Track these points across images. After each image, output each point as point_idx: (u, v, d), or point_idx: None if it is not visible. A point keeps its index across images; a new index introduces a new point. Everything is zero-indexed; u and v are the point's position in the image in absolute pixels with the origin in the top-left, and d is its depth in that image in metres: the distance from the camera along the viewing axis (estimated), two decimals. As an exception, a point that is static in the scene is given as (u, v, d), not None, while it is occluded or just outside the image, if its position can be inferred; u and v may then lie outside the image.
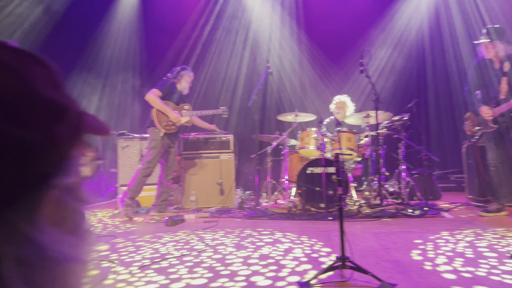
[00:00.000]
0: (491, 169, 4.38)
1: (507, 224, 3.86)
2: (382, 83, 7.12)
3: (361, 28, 7.12)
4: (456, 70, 6.77)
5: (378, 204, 4.79)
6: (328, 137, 5.02)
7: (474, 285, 2.19)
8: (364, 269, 2.34)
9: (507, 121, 4.19)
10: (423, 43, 7.14)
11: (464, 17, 6.71)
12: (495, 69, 4.25)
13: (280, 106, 7.30)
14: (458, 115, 6.54)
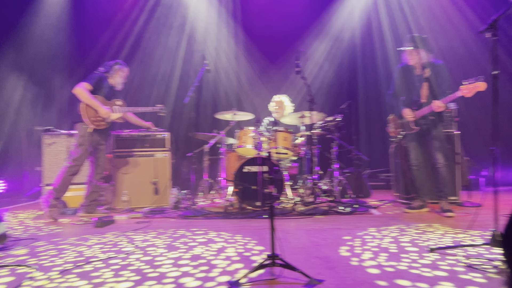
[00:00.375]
0: (414, 169, 4.65)
1: (428, 220, 4.13)
2: (318, 84, 7.32)
3: (299, 30, 7.27)
4: (384, 75, 7.14)
5: (311, 202, 4.91)
6: (265, 136, 5.05)
7: (395, 279, 2.29)
8: (293, 266, 2.36)
9: (428, 123, 4.47)
10: (354, 48, 7.45)
11: (392, 26, 7.10)
12: (417, 75, 4.53)
13: (218, 104, 7.24)
14: (386, 117, 6.90)
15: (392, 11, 7.13)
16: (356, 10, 7.45)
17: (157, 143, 5.54)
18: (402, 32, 6.92)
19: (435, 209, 4.64)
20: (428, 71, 4.43)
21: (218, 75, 7.33)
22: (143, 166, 5.43)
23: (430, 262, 2.58)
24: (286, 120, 5.49)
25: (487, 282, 2.20)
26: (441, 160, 4.42)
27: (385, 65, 7.14)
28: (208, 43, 7.33)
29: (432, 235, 3.37)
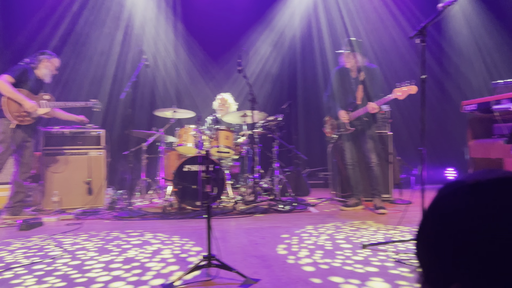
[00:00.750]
0: (349, 168, 4.82)
1: (362, 217, 4.28)
2: (260, 83, 7.36)
3: (242, 29, 7.26)
4: (322, 77, 7.34)
5: (252, 201, 4.92)
6: (207, 135, 4.98)
7: (330, 276, 2.34)
8: (229, 266, 2.33)
9: (362, 124, 4.65)
10: (295, 50, 7.58)
11: (330, 29, 7.32)
12: (353, 78, 4.70)
13: (157, 100, 7.01)
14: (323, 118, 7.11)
15: (331, 15, 7.35)
16: (297, 12, 7.58)
17: (91, 141, 5.26)
18: (340, 35, 7.15)
19: (369, 206, 4.83)
20: (363, 74, 4.60)
21: (157, 71, 7.09)
22: (75, 165, 5.12)
23: (362, 259, 2.67)
24: (228, 118, 5.45)
25: (414, 276, 2.30)
26: (375, 160, 4.62)
27: (323, 67, 7.34)
28: (147, 37, 7.06)
29: (366, 232, 3.50)
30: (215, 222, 4.08)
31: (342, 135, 4.84)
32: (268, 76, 7.44)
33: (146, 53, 6.20)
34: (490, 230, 0.46)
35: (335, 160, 5.51)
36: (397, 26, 7.19)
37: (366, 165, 4.71)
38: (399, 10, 7.17)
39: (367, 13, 7.26)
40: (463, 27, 7.05)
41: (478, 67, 6.83)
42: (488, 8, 6.69)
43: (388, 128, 5.48)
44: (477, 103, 4.60)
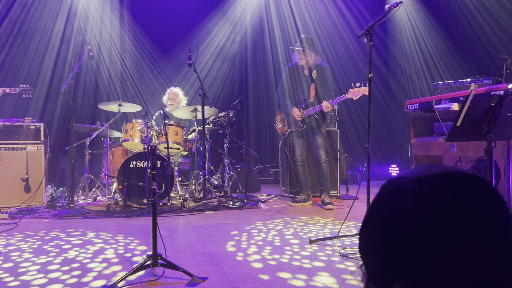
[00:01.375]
0: (298, 164, 4.88)
1: (310, 212, 4.35)
2: (211, 79, 7.26)
3: (192, 23, 7.10)
4: (273, 73, 7.38)
5: (202, 198, 4.84)
6: (155, 130, 4.83)
7: (278, 272, 2.33)
8: (175, 265, 2.26)
9: (313, 122, 4.72)
10: (246, 46, 7.54)
11: (281, 26, 7.36)
12: (305, 75, 4.75)
13: (102, 93, 6.68)
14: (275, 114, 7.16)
15: (282, 13, 7.39)
16: (249, 8, 7.55)
17: (29, 135, 4.92)
18: (291, 33, 7.22)
19: (317, 202, 4.91)
20: (315, 73, 4.67)
21: (102, 62, 6.74)
22: (11, 161, 4.77)
23: (310, 254, 2.70)
24: (178, 114, 5.32)
25: (359, 271, 2.36)
26: (324, 157, 4.71)
27: (274, 63, 7.38)
28: (92, 27, 6.69)
29: (314, 227, 3.55)
30: (163, 220, 3.96)
31: (293, 131, 4.89)
32: (219, 71, 7.35)
33: (89, 43, 5.88)
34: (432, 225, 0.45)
35: (285, 156, 5.55)
36: (346, 26, 7.36)
37: (316, 162, 4.79)
38: (348, 10, 7.35)
39: (318, 12, 7.38)
40: (408, 29, 7.36)
41: (421, 68, 7.17)
42: (430, 11, 7.03)
43: (336, 126, 5.61)
44: (419, 102, 4.82)
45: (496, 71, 5.13)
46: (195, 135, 5.18)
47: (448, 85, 5.18)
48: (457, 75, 6.35)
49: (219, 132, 5.47)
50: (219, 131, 5.46)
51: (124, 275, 2.19)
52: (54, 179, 5.93)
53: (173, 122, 4.93)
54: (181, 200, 4.71)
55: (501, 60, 4.11)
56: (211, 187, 5.18)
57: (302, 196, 4.87)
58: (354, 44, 7.33)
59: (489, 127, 2.87)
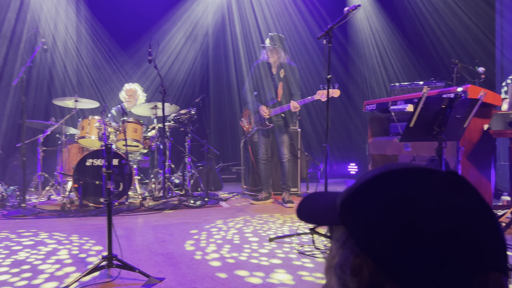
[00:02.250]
0: (262, 163, 4.91)
1: (271, 210, 4.39)
2: (172, 76, 7.14)
3: (154, 17, 6.94)
4: (234, 71, 7.37)
5: (162, 196, 4.77)
6: (112, 127, 4.70)
7: (236, 270, 2.34)
8: (131, 266, 2.21)
9: (280, 121, 4.76)
10: (208, 43, 7.48)
11: (243, 25, 7.36)
12: (273, 74, 4.77)
13: (58, 88, 6.41)
14: (236, 112, 7.16)
15: (244, 11, 7.38)
16: (210, 6, 7.48)
17: (-23, 131, 4.66)
18: (253, 32, 7.23)
19: (278, 200, 4.96)
20: (283, 72, 4.70)
21: (58, 56, 6.46)
22: (-44, 158, 4.50)
23: (268, 251, 2.72)
24: (137, 110, 5.20)
25: (314, 266, 2.41)
26: (287, 156, 4.76)
27: (236, 62, 7.36)
28: (47, 18, 6.38)
29: (273, 225, 3.59)
30: (121, 219, 3.87)
31: (259, 130, 4.90)
32: (181, 68, 7.24)
33: (44, 35, 5.63)
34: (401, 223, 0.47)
35: (247, 154, 5.57)
36: (306, 26, 7.46)
37: (279, 160, 4.84)
38: (308, 11, 7.44)
39: (278, 12, 7.43)
40: (367, 33, 7.57)
41: (379, 70, 7.40)
42: (389, 16, 7.26)
43: (297, 125, 5.68)
44: (377, 103, 4.97)
45: (448, 75, 5.38)
46: (155, 132, 5.09)
47: (404, 86, 5.36)
48: (413, 77, 6.61)
49: (180, 129, 5.40)
50: (180, 129, 5.39)
51: (77, 277, 2.12)
52: (5, 177, 5.65)
53: (132, 119, 4.82)
54: (140, 199, 4.62)
55: (452, 64, 4.31)
56: (172, 186, 5.11)
57: (263, 194, 4.90)
58: (313, 45, 7.44)
59: (440, 128, 3.00)
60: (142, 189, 5.02)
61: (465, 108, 3.11)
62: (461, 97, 3.01)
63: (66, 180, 4.67)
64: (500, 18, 5.86)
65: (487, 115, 3.84)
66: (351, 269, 0.49)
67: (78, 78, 6.63)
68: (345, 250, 0.51)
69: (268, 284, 2.12)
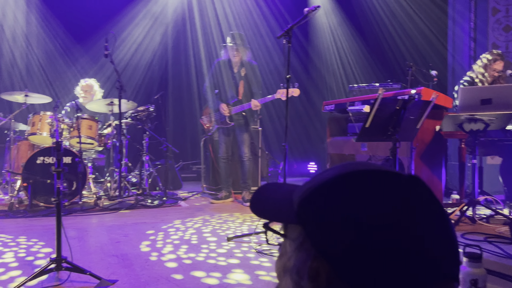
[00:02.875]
0: (222, 161, 4.87)
1: (230, 209, 4.36)
2: (130, 71, 6.93)
3: (112, 11, 6.71)
4: (194, 69, 7.28)
5: (118, 196, 4.62)
6: (66, 124, 4.50)
7: (192, 271, 2.30)
8: (81, 268, 2.12)
9: (241, 119, 4.74)
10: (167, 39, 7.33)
11: (203, 22, 7.28)
12: (235, 72, 4.74)
13: (6, 82, 6.05)
14: (196, 110, 7.07)
15: (205, 9, 7.30)
16: (171, 2, 7.33)
17: None
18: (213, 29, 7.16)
19: (238, 199, 4.94)
20: (244, 70, 4.68)
21: (5, 48, 6.11)
22: None
23: (226, 251, 2.70)
24: (93, 107, 5.01)
25: (271, 265, 2.41)
26: (248, 154, 4.75)
27: (195, 59, 7.26)
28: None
29: (232, 224, 3.57)
30: (73, 219, 3.72)
31: (219, 128, 4.85)
32: (139, 64, 7.04)
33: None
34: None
35: (208, 153, 5.52)
36: (266, 26, 7.47)
37: (240, 159, 4.82)
38: (270, 11, 7.46)
39: (239, 10, 7.40)
40: (327, 34, 7.70)
41: (338, 72, 7.55)
42: (349, 19, 7.43)
43: (258, 124, 5.69)
44: (335, 104, 5.07)
45: (404, 77, 5.57)
46: (111, 129, 4.92)
47: (362, 88, 5.50)
48: (371, 79, 6.80)
49: (138, 127, 5.26)
50: (137, 126, 5.25)
51: (23, 281, 2.01)
52: None
53: (86, 115, 4.64)
54: (94, 198, 4.46)
55: (406, 67, 4.46)
56: (128, 185, 4.97)
57: (223, 193, 4.87)
58: (274, 44, 7.47)
59: (394, 129, 3.09)
60: (97, 188, 4.84)
61: (418, 110, 3.23)
62: (414, 99, 3.12)
63: (15, 179, 4.42)
64: (452, 24, 6.14)
65: (439, 116, 4.00)
66: (308, 274, 0.48)
67: (29, 71, 6.30)
68: (301, 253, 0.50)
69: (225, 284, 2.10)
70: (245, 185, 4.80)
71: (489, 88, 3.93)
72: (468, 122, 3.68)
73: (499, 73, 4.26)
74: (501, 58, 4.26)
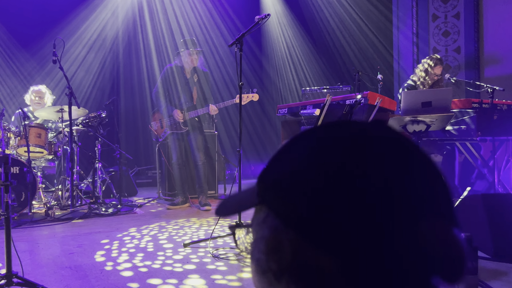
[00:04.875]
0: (176, 167, 4.87)
1: (187, 215, 4.38)
2: (80, 77, 6.74)
3: (59, 15, 6.50)
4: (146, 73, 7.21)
5: (70, 205, 4.50)
6: (12, 132, 4.33)
7: (148, 278, 2.32)
8: (33, 283, 2.08)
9: (194, 124, 4.77)
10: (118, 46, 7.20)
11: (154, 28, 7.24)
12: (187, 78, 4.77)
13: None
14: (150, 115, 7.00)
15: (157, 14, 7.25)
16: (121, 5, 7.21)
17: None
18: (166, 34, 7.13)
19: (195, 203, 4.96)
20: (196, 76, 4.73)
21: None
22: None
23: (182, 257, 2.73)
24: (42, 114, 4.83)
25: (227, 269, 2.47)
26: (202, 159, 4.78)
27: (147, 63, 7.20)
28: None
29: (189, 230, 3.59)
30: (23, 232, 3.59)
31: (172, 133, 4.85)
32: (89, 70, 6.87)
33: None
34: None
35: (163, 158, 5.49)
36: (220, 34, 7.54)
37: (194, 164, 4.84)
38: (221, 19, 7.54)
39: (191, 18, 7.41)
40: (279, 40, 7.89)
41: (291, 75, 7.75)
42: (299, 24, 7.65)
43: (214, 128, 5.73)
44: (288, 107, 5.21)
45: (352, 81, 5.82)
46: (62, 137, 4.78)
47: (314, 91, 5.69)
48: (322, 82, 7.04)
49: (90, 134, 5.14)
50: (89, 133, 5.13)
51: (-31, 300, 1.94)
52: None
53: (35, 123, 4.49)
54: (45, 208, 4.31)
55: (353, 73, 4.68)
56: (81, 193, 4.85)
57: (179, 199, 4.87)
58: (227, 51, 7.53)
59: (342, 132, 3.26)
60: (47, 197, 4.69)
61: (364, 114, 3.42)
62: (360, 104, 3.30)
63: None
64: (396, 32, 6.49)
65: (385, 119, 4.23)
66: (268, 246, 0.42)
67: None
68: (263, 230, 0.44)
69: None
70: (201, 189, 4.82)
71: (428, 92, 4.22)
72: (411, 123, 3.92)
73: (438, 77, 4.57)
74: (440, 63, 4.57)
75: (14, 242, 2.63)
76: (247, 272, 2.42)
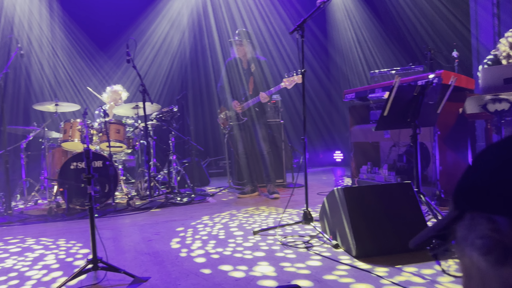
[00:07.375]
0: (242, 157, 4.97)
1: (257, 203, 4.46)
2: (152, 74, 7.12)
3: (131, 17, 6.90)
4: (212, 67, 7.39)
5: (148, 195, 4.80)
6: (95, 129, 4.71)
7: (220, 265, 2.40)
8: (116, 267, 2.26)
9: (254, 114, 4.82)
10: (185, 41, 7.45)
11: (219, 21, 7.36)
12: (244, 69, 4.82)
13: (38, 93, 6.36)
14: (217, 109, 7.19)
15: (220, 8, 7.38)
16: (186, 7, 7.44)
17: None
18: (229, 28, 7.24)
19: (264, 192, 5.03)
20: (253, 66, 4.75)
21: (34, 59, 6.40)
22: None
23: (252, 245, 2.79)
24: (119, 111, 5.20)
25: (296, 257, 2.48)
26: (267, 148, 4.82)
27: (213, 57, 7.38)
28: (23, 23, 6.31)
29: (258, 218, 3.66)
30: (107, 221, 3.91)
31: (234, 125, 4.95)
32: (160, 67, 7.23)
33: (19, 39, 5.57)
34: None
35: (232, 149, 5.62)
36: (281, 22, 7.48)
37: (259, 153, 4.90)
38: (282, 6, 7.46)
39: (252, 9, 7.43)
40: (346, 23, 7.63)
41: (358, 59, 7.48)
42: (367, 5, 7.34)
43: (280, 117, 5.74)
44: (356, 92, 5.05)
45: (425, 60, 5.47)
46: (138, 131, 5.10)
47: (383, 73, 5.43)
48: (393, 64, 6.70)
49: (163, 128, 5.42)
50: (163, 127, 5.41)
51: (64, 281, 2.16)
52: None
53: (114, 120, 4.83)
54: (126, 199, 4.65)
55: (425, 51, 4.39)
56: (158, 184, 5.15)
57: (249, 188, 4.97)
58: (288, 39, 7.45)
59: (413, 116, 3.09)
60: (128, 188, 5.05)
61: (437, 94, 3.20)
62: (432, 84, 3.09)
63: (52, 185, 4.67)
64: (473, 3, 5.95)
65: (462, 99, 3.93)
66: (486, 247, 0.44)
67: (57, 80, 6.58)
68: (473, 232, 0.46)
69: (251, 277, 2.19)
70: (269, 178, 4.87)
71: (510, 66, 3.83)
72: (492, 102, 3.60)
73: (524, 50, 4.13)
74: (526, 34, 4.13)
75: (101, 230, 2.88)
76: (315, 260, 2.41)
